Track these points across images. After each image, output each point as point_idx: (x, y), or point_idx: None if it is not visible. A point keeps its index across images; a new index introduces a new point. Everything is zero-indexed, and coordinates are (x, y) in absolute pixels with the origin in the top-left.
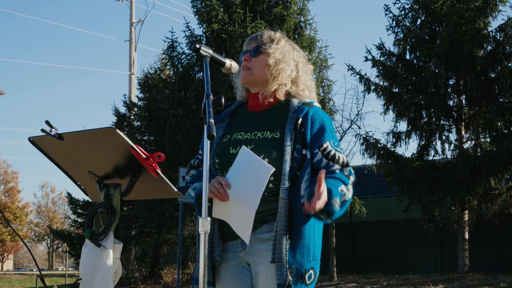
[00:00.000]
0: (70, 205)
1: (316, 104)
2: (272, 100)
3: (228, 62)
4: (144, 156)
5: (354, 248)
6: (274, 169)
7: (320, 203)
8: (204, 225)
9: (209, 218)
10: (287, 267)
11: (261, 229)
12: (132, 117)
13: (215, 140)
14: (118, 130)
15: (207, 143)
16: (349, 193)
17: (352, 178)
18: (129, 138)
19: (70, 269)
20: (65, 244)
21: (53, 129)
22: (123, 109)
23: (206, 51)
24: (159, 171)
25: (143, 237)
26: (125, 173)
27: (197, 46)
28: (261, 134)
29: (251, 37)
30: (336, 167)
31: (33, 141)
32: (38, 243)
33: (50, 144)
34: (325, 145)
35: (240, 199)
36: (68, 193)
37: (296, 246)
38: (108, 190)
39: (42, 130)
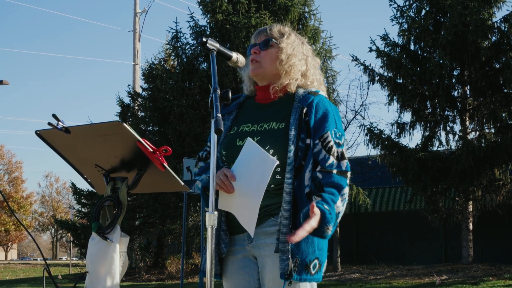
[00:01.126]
0: (74, 195)
1: (322, 93)
2: (281, 93)
3: (235, 55)
4: (151, 150)
5: (358, 238)
6: (278, 162)
7: (295, 239)
8: (211, 219)
9: (216, 212)
10: (290, 256)
11: (268, 223)
12: (136, 107)
13: (223, 132)
14: (125, 124)
15: (214, 138)
16: (344, 203)
17: (348, 174)
18: (133, 128)
19: (74, 258)
20: (69, 234)
21: (59, 123)
22: (127, 100)
23: (213, 44)
24: (166, 164)
25: (147, 227)
26: (132, 166)
27: (204, 39)
28: (267, 125)
29: (259, 30)
30: (332, 160)
31: (39, 134)
32: (42, 233)
33: (57, 138)
34: (325, 135)
35: (245, 191)
36: (72, 183)
37: None
38: (115, 184)
39: (49, 124)
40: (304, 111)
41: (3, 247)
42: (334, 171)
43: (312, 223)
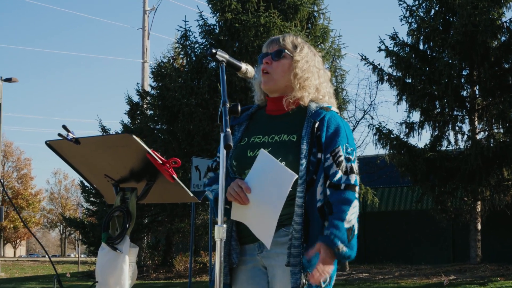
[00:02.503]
0: (83, 193)
1: (334, 109)
2: (294, 106)
3: (244, 66)
4: (160, 162)
5: (366, 238)
6: (297, 176)
7: (318, 279)
8: (220, 232)
9: (225, 225)
10: (302, 270)
11: (279, 233)
12: (145, 105)
13: (234, 143)
14: (134, 136)
15: (223, 153)
16: (355, 215)
17: (357, 188)
18: (142, 127)
19: (82, 255)
20: (78, 232)
21: (70, 134)
22: (136, 98)
23: (222, 56)
24: (175, 176)
25: (155, 226)
26: (141, 177)
27: (214, 51)
28: (278, 137)
29: (272, 39)
30: (340, 175)
31: (50, 144)
32: (51, 230)
33: (67, 148)
34: (336, 150)
35: (261, 204)
36: (81, 181)
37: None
38: (124, 194)
39: (59, 135)
40: (316, 125)
41: (12, 244)
42: (342, 186)
43: (321, 263)
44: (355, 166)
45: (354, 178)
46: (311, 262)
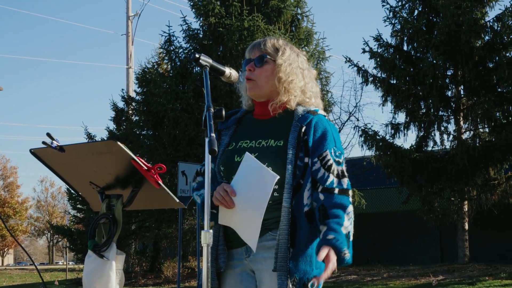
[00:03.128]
0: (70, 201)
1: (321, 112)
2: (280, 110)
3: (228, 70)
4: (146, 168)
5: (354, 240)
6: (278, 177)
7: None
8: (206, 238)
9: (211, 231)
10: (289, 275)
11: (265, 237)
12: (131, 111)
13: (221, 148)
14: (119, 143)
15: (208, 158)
16: (351, 221)
17: (350, 192)
18: (128, 133)
19: (70, 263)
20: (65, 239)
21: (54, 141)
22: (121, 104)
23: (206, 60)
24: (160, 182)
25: (143, 232)
26: (127, 184)
27: (197, 55)
28: (265, 142)
29: (253, 44)
30: (332, 178)
31: (34, 153)
32: (38, 238)
33: (51, 156)
34: (324, 154)
35: (246, 206)
36: (68, 188)
37: (298, 255)
38: (110, 201)
39: (43, 143)
40: (303, 130)
41: None
42: (336, 190)
43: (330, 267)
44: (345, 169)
45: (347, 182)
46: (298, 267)
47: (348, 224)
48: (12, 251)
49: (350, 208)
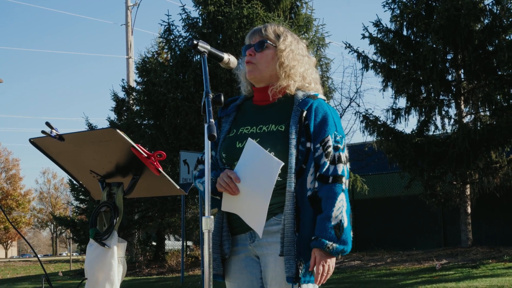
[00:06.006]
0: (72, 192)
1: (321, 96)
2: (280, 95)
3: (226, 56)
4: (145, 155)
5: (357, 225)
6: (283, 164)
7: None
8: (207, 224)
9: (212, 217)
10: (296, 259)
11: (270, 222)
12: (131, 101)
13: (222, 135)
14: (118, 130)
15: (207, 144)
16: (341, 209)
17: (344, 179)
18: (129, 122)
19: (74, 254)
20: (69, 230)
21: (53, 130)
22: (122, 94)
23: (204, 46)
24: (160, 169)
25: (146, 221)
26: (127, 171)
27: (195, 42)
28: (266, 127)
29: (254, 30)
30: (327, 165)
31: (34, 142)
32: (41, 229)
33: (51, 145)
34: (326, 139)
35: (251, 193)
36: (70, 179)
37: (304, 239)
38: (111, 189)
39: (43, 132)
40: (304, 114)
41: (3, 244)
42: (330, 178)
43: (319, 264)
44: (344, 154)
45: (342, 168)
46: (304, 251)
47: (338, 214)
48: (15, 243)
49: (341, 197)
